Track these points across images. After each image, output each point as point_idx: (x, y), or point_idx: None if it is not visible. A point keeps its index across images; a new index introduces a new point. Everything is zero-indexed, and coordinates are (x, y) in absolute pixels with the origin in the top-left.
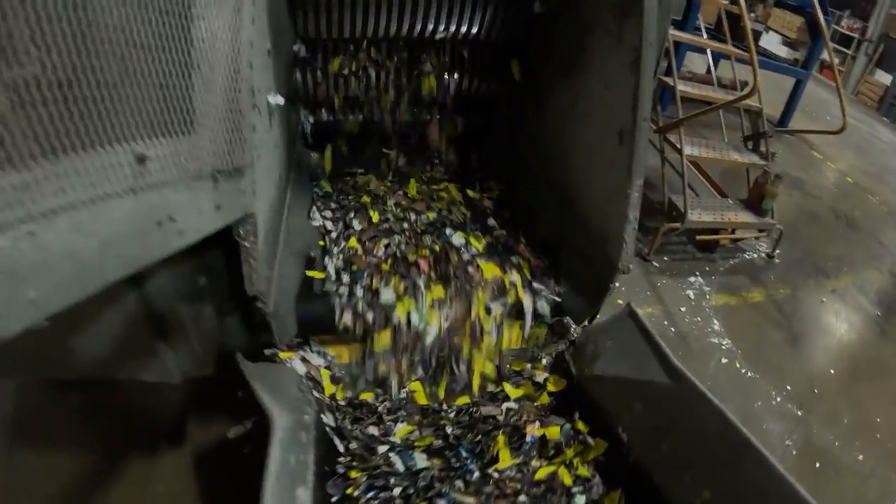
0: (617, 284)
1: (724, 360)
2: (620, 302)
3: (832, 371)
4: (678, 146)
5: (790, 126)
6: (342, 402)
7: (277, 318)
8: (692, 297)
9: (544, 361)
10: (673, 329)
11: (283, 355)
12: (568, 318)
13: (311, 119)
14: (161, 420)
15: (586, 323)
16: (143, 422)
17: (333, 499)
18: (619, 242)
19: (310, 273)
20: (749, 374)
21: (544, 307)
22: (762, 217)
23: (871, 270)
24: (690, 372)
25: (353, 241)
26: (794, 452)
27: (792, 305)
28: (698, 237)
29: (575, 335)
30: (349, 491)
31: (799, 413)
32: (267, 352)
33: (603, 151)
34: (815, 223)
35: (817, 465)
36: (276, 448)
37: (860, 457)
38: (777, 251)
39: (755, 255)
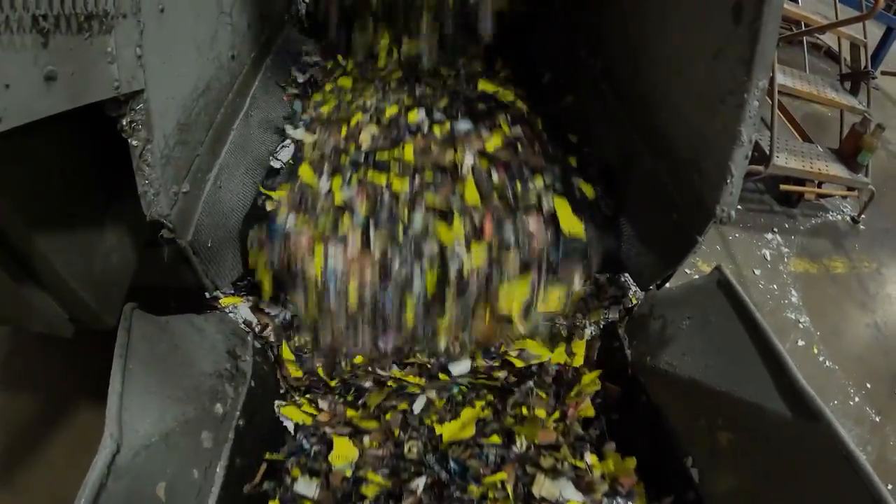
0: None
1: (800, 343)
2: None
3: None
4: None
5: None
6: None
7: (204, 251)
8: (768, 257)
9: (588, 332)
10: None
11: (225, 301)
12: (627, 275)
13: None
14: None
15: (653, 288)
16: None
17: None
18: (721, 174)
19: (263, 190)
20: (827, 363)
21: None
22: (856, 173)
23: None
24: None
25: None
26: None
27: (878, 284)
28: (781, 186)
29: (635, 301)
30: None
31: (878, 419)
32: (208, 297)
33: (706, 35)
34: None
35: (890, 486)
36: (90, 489)
37: None
38: (863, 216)
39: (839, 217)
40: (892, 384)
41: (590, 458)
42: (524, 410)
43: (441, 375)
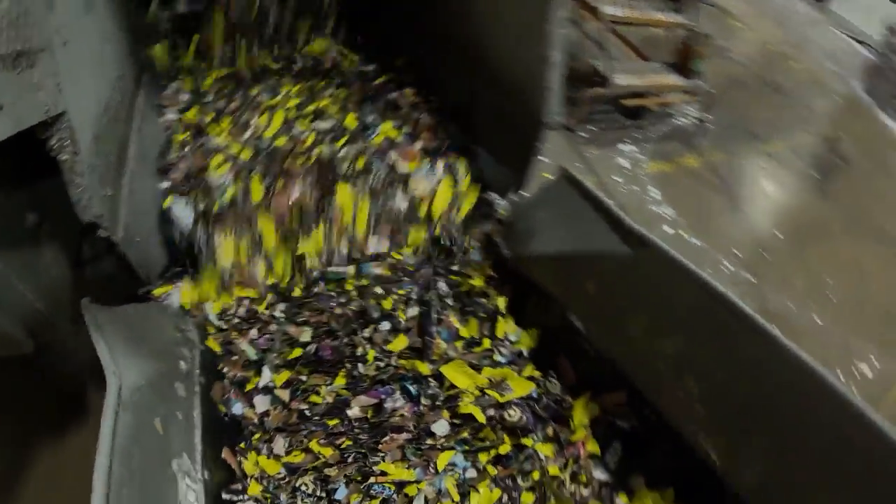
0: (544, 146)
1: (668, 230)
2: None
3: (780, 235)
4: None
5: None
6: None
7: (133, 245)
8: (627, 165)
9: (473, 249)
10: (611, 201)
11: (157, 291)
12: (490, 192)
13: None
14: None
15: (515, 197)
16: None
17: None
18: (541, 90)
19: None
20: (697, 242)
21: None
22: (691, 80)
23: (803, 134)
24: None
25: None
26: None
27: (729, 170)
28: (624, 102)
29: (503, 212)
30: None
31: (753, 280)
32: (141, 291)
33: None
34: (742, 89)
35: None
36: (110, 416)
37: (817, 320)
38: (709, 116)
39: (686, 121)
40: (760, 250)
41: (621, 500)
42: (535, 475)
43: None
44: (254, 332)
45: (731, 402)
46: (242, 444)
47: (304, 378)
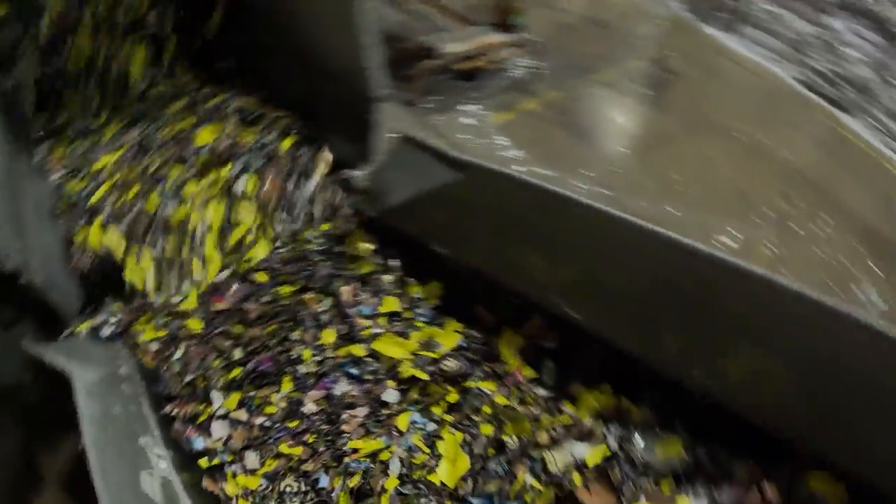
0: (386, 121)
1: (521, 168)
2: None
3: (625, 151)
4: None
5: None
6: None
7: (54, 287)
8: (473, 122)
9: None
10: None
11: (80, 328)
12: (346, 170)
13: None
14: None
15: (367, 168)
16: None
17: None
18: (364, 72)
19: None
20: (550, 173)
21: None
22: (515, 33)
23: (634, 60)
24: None
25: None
26: None
27: (569, 105)
28: (459, 67)
29: (360, 182)
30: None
31: (609, 192)
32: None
33: None
34: (571, 32)
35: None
36: (82, 399)
37: (674, 212)
38: (542, 63)
39: (520, 71)
40: (610, 166)
41: (567, 408)
42: (487, 410)
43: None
44: (179, 353)
45: (621, 295)
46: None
47: (252, 394)
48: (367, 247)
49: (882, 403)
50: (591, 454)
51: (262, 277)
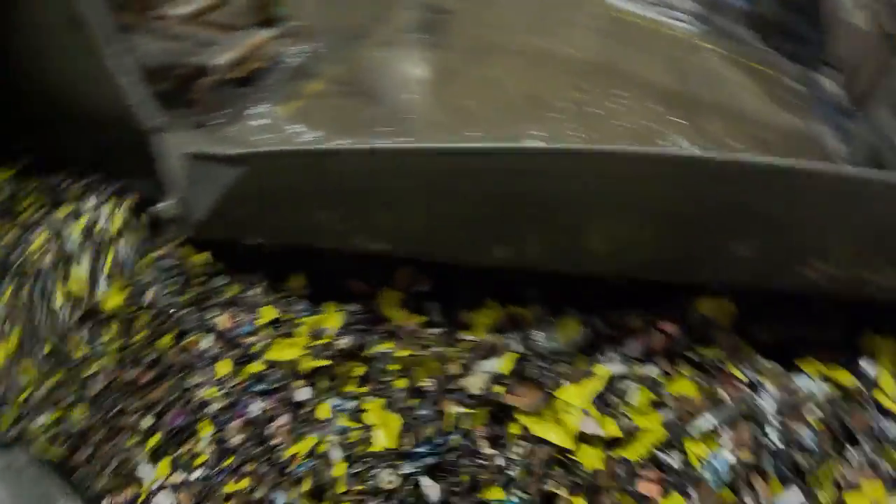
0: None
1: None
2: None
3: (417, 96)
4: None
5: None
6: None
7: None
8: (267, 121)
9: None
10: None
11: None
12: (152, 207)
13: None
14: None
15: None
16: None
17: None
18: (128, 110)
19: None
20: (349, 141)
21: None
22: (280, 25)
23: (405, 12)
24: None
25: None
26: None
27: (354, 75)
28: (235, 75)
29: (171, 213)
30: None
31: (410, 138)
32: None
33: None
34: (336, 6)
35: None
36: None
37: (474, 134)
38: (318, 44)
39: (298, 59)
40: (403, 116)
41: (465, 335)
42: (396, 366)
43: None
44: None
45: (470, 218)
46: None
47: (178, 452)
48: (203, 261)
49: (725, 220)
50: (502, 364)
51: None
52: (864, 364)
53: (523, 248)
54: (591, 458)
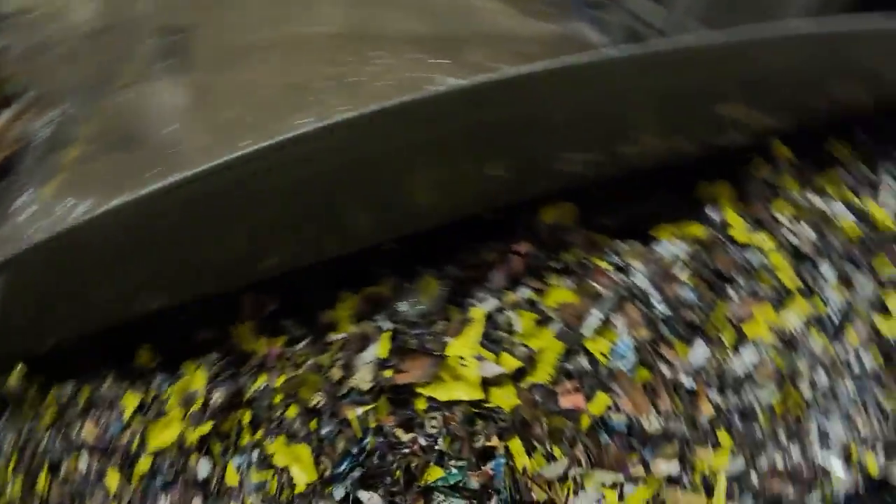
0: None
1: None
2: None
3: (177, 125)
4: None
5: None
6: None
7: None
8: (34, 211)
9: None
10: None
11: None
12: None
13: None
14: None
15: None
16: None
17: None
18: None
19: None
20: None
21: None
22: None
23: (148, 42)
24: None
25: None
26: None
27: (110, 125)
28: None
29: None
30: None
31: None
32: None
33: None
34: (70, 63)
35: None
36: None
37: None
38: (66, 105)
39: (47, 130)
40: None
41: (332, 335)
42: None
43: None
44: None
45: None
46: None
47: None
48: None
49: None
50: (380, 349)
51: None
52: (709, 211)
53: (354, 230)
54: (505, 399)
